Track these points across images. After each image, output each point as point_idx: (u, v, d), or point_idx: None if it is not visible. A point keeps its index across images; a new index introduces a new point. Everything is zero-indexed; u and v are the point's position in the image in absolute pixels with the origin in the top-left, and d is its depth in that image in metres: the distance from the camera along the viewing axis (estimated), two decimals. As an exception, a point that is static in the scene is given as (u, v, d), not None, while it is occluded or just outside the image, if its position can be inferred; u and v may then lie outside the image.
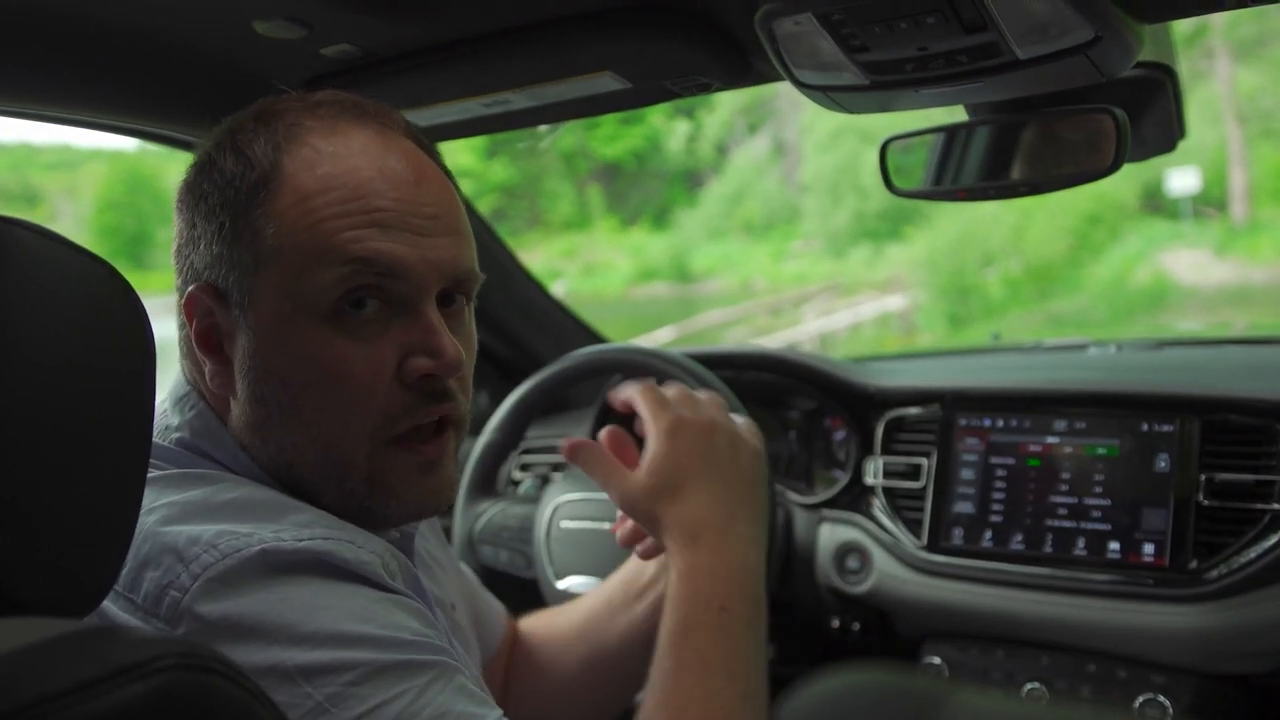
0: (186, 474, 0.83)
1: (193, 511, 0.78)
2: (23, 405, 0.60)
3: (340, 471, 0.86)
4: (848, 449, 1.79)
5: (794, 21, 1.07)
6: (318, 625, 0.72)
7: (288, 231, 0.83)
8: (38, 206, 24.72)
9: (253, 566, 0.73)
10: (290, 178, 0.84)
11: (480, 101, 1.37)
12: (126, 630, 0.60)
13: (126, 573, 0.75)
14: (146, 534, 0.76)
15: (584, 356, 1.63)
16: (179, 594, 0.72)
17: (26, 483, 0.59)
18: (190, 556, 0.73)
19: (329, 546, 0.76)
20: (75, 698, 0.49)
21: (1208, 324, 5.51)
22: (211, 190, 0.85)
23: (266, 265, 0.83)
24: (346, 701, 0.70)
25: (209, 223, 0.85)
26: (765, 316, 19.20)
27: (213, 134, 0.90)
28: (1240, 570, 1.39)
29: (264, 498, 0.81)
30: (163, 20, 1.15)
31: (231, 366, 0.86)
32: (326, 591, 0.74)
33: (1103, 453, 1.52)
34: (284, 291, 0.83)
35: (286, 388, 0.84)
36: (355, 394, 0.84)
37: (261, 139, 0.86)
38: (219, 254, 0.85)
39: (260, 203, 0.84)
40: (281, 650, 0.70)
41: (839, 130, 22.03)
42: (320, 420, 0.85)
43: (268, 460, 0.87)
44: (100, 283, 0.67)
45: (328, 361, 0.83)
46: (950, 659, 1.61)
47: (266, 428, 0.86)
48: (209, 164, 0.87)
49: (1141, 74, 1.31)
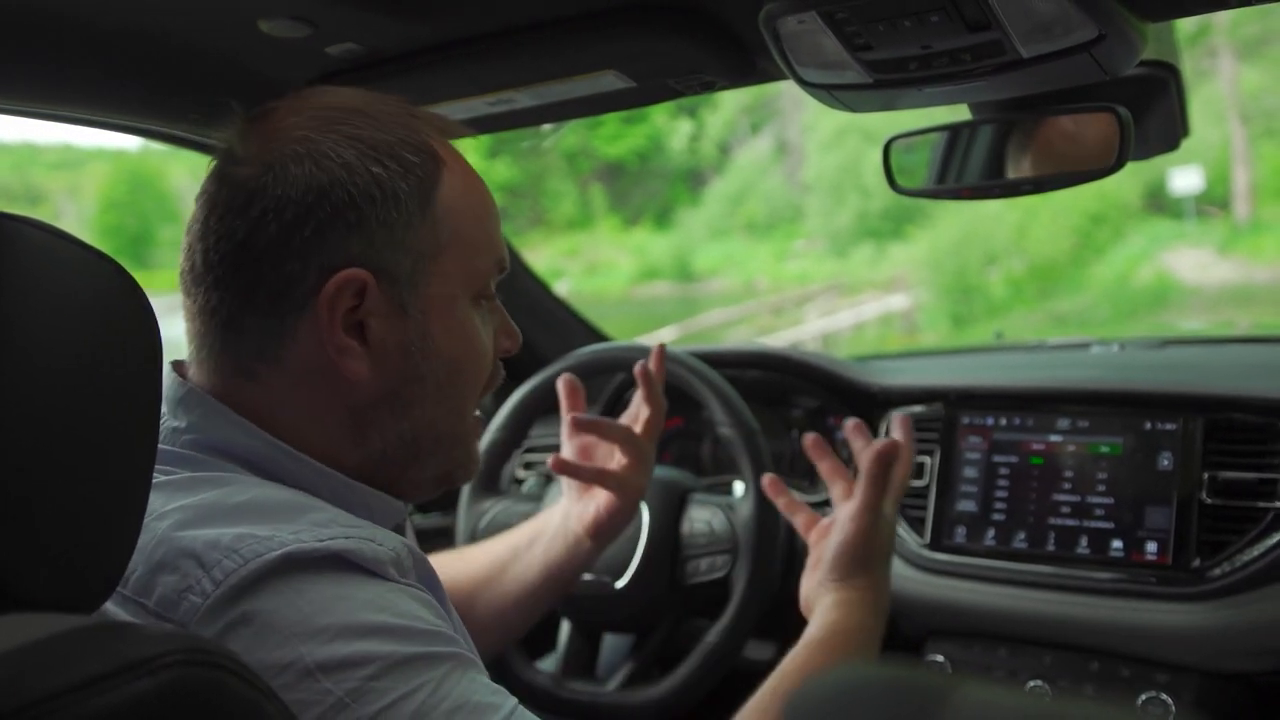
0: (196, 477, 0.82)
1: (207, 515, 0.77)
2: (30, 402, 0.60)
3: (456, 441, 0.95)
4: (851, 447, 1.79)
5: (798, 20, 1.07)
6: (333, 617, 0.72)
7: (459, 221, 0.91)
8: (40, 206, 24.74)
9: (275, 570, 0.73)
10: (450, 172, 0.91)
11: (484, 100, 1.37)
12: (134, 626, 0.60)
13: (137, 577, 0.75)
14: (160, 539, 0.76)
15: (587, 355, 1.64)
16: (200, 599, 0.72)
17: (33, 479, 0.60)
18: (211, 561, 0.73)
19: (350, 545, 0.77)
20: (83, 693, 0.49)
21: (1211, 323, 5.51)
22: (366, 182, 0.86)
23: (443, 252, 0.90)
24: (367, 696, 0.70)
25: (374, 209, 0.86)
26: (768, 316, 19.19)
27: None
28: (1243, 569, 1.39)
29: (279, 498, 0.82)
30: (167, 19, 1.16)
31: (370, 350, 0.87)
32: (344, 585, 0.75)
33: (1106, 451, 1.53)
34: (454, 277, 0.91)
35: (446, 364, 0.91)
36: (484, 369, 0.96)
37: (412, 134, 0.90)
38: (390, 240, 0.87)
39: (435, 194, 0.89)
40: (299, 645, 0.71)
41: (842, 129, 22.02)
42: (466, 393, 0.94)
43: (382, 439, 0.90)
44: (107, 281, 0.67)
45: (476, 340, 0.94)
46: (953, 657, 1.61)
47: (406, 406, 0.90)
48: (341, 157, 0.86)
49: (1145, 72, 1.31)
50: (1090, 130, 1.30)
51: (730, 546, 1.46)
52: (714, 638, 1.40)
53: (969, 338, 13.48)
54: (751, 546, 1.43)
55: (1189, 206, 18.26)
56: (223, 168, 0.88)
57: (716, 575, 1.46)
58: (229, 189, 0.86)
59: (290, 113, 0.89)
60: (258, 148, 0.87)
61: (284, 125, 0.88)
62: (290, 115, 0.88)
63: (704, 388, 1.51)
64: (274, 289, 0.85)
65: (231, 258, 0.85)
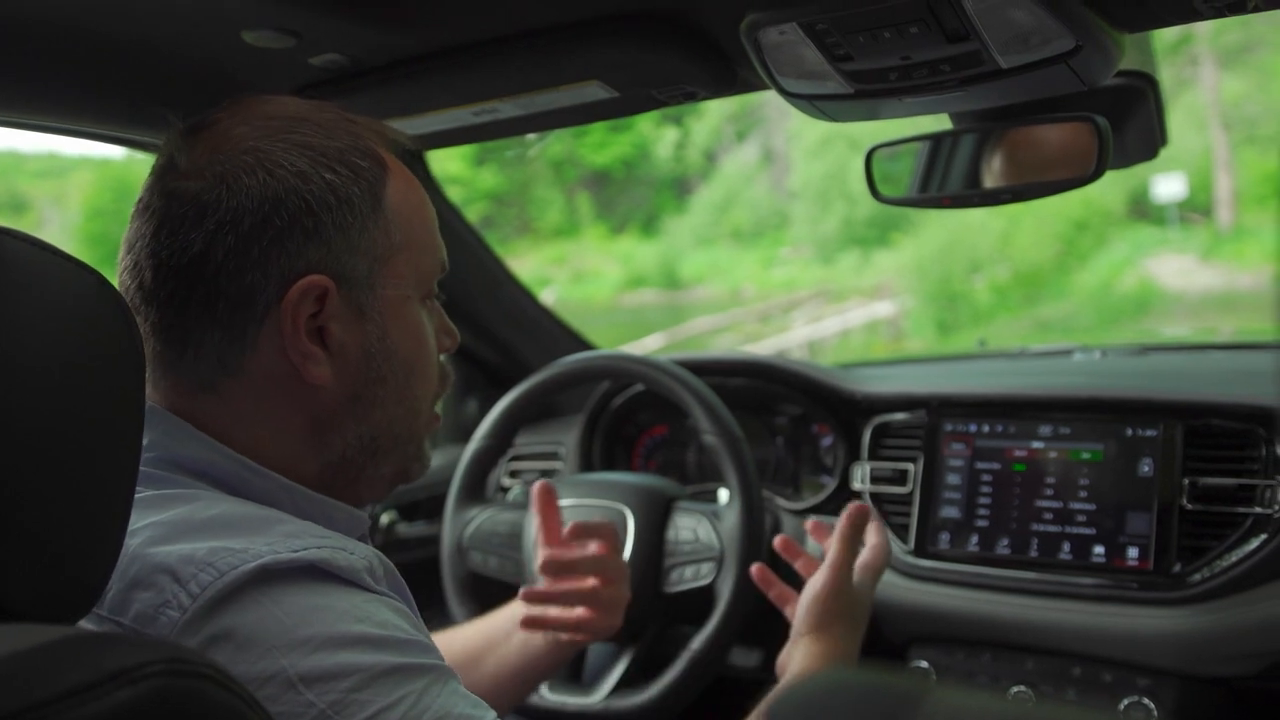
0: (164, 494, 0.82)
1: (178, 531, 0.77)
2: (12, 413, 0.60)
3: (410, 438, 0.96)
4: (835, 455, 1.80)
5: (779, 31, 1.08)
6: (314, 629, 0.72)
7: (406, 224, 0.92)
8: (25, 214, 24.59)
9: (252, 581, 0.73)
10: (394, 176, 0.92)
11: (468, 110, 1.38)
12: (116, 636, 0.60)
13: (112, 596, 0.74)
14: (132, 556, 0.75)
15: (572, 363, 1.64)
16: (177, 613, 0.72)
17: (16, 489, 0.60)
18: (187, 576, 0.73)
19: (324, 554, 0.77)
20: (65, 703, 0.49)
21: (1194, 329, 5.55)
22: (320, 189, 0.86)
23: (396, 254, 0.91)
24: (349, 708, 0.70)
25: (329, 215, 0.86)
26: (754, 323, 19.20)
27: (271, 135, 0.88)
28: (1223, 573, 1.40)
29: (244, 512, 0.81)
30: (150, 29, 1.16)
31: (331, 355, 0.88)
32: (321, 595, 0.75)
33: (1087, 457, 1.54)
34: (405, 278, 0.92)
35: (403, 364, 0.92)
36: (433, 368, 0.97)
37: (358, 140, 0.91)
38: (346, 245, 0.87)
39: (384, 198, 0.90)
40: (281, 657, 0.71)
41: (827, 138, 22.07)
42: (420, 392, 0.95)
43: (343, 443, 0.91)
44: (90, 291, 0.67)
45: (425, 339, 0.95)
46: (937, 662, 1.62)
47: (368, 408, 0.91)
48: (289, 165, 0.86)
49: (1123, 82, 1.32)
50: (1069, 140, 1.31)
51: (715, 554, 1.46)
52: (699, 645, 1.40)
53: (954, 344, 13.52)
54: (736, 554, 1.43)
55: (1172, 213, 18.35)
56: (167, 181, 0.87)
57: (701, 583, 1.46)
58: (179, 203, 0.85)
59: (236, 123, 0.87)
60: (205, 159, 0.85)
61: (231, 135, 0.86)
62: (236, 125, 0.87)
63: (688, 395, 1.51)
64: (233, 300, 0.85)
65: (186, 272, 0.84)
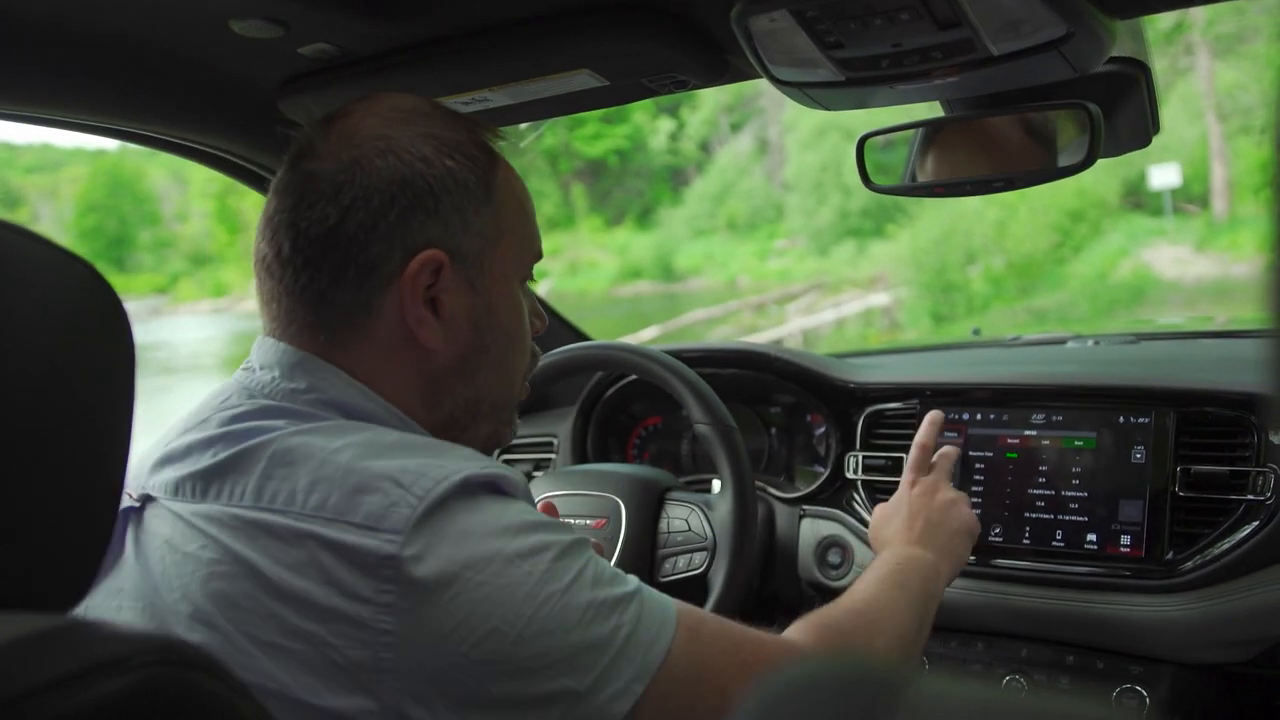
0: (342, 424, 0.93)
1: (377, 450, 0.88)
2: (3, 402, 0.60)
3: (507, 405, 1.08)
4: (828, 444, 1.80)
5: (769, 18, 1.08)
6: (510, 520, 0.87)
7: (513, 211, 1.03)
8: (18, 209, 24.53)
9: (459, 490, 0.85)
10: (503, 169, 1.03)
11: (458, 100, 1.38)
12: (106, 625, 0.60)
13: (335, 501, 0.84)
14: (345, 467, 0.86)
15: (565, 354, 1.64)
16: (408, 510, 0.83)
17: (6, 478, 0.60)
18: (408, 482, 0.84)
19: (499, 473, 0.90)
20: (54, 692, 0.49)
21: (1188, 318, 5.55)
22: (441, 174, 0.96)
23: (503, 237, 1.01)
24: (555, 573, 0.85)
25: (449, 198, 0.97)
26: (750, 314, 19.23)
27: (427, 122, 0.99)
28: (1215, 561, 1.41)
29: (418, 440, 0.93)
30: (139, 20, 1.15)
31: (443, 323, 0.98)
32: (502, 501, 0.89)
33: (1080, 445, 1.54)
34: (510, 260, 1.03)
35: (505, 335, 1.03)
36: (528, 342, 1.08)
37: (471, 133, 1.01)
38: (462, 225, 0.98)
39: (494, 186, 1.01)
40: (495, 541, 0.84)
41: (822, 128, 22.09)
42: (517, 364, 1.07)
43: (451, 403, 1.02)
44: (80, 282, 0.67)
45: (524, 317, 1.06)
46: (930, 651, 1.62)
47: (473, 373, 1.02)
48: (416, 151, 0.96)
49: (1115, 69, 1.32)
50: (1062, 127, 1.31)
51: (708, 544, 1.46)
52: (693, 634, 1.40)
53: (949, 335, 13.53)
54: (729, 544, 1.43)
55: (1167, 203, 18.37)
56: (304, 163, 0.97)
57: (694, 572, 1.46)
58: (316, 181, 0.95)
59: (367, 114, 0.98)
60: (339, 144, 0.96)
61: (364, 124, 0.97)
62: (368, 116, 0.98)
63: (681, 386, 1.51)
64: (362, 268, 0.95)
65: (322, 241, 0.95)
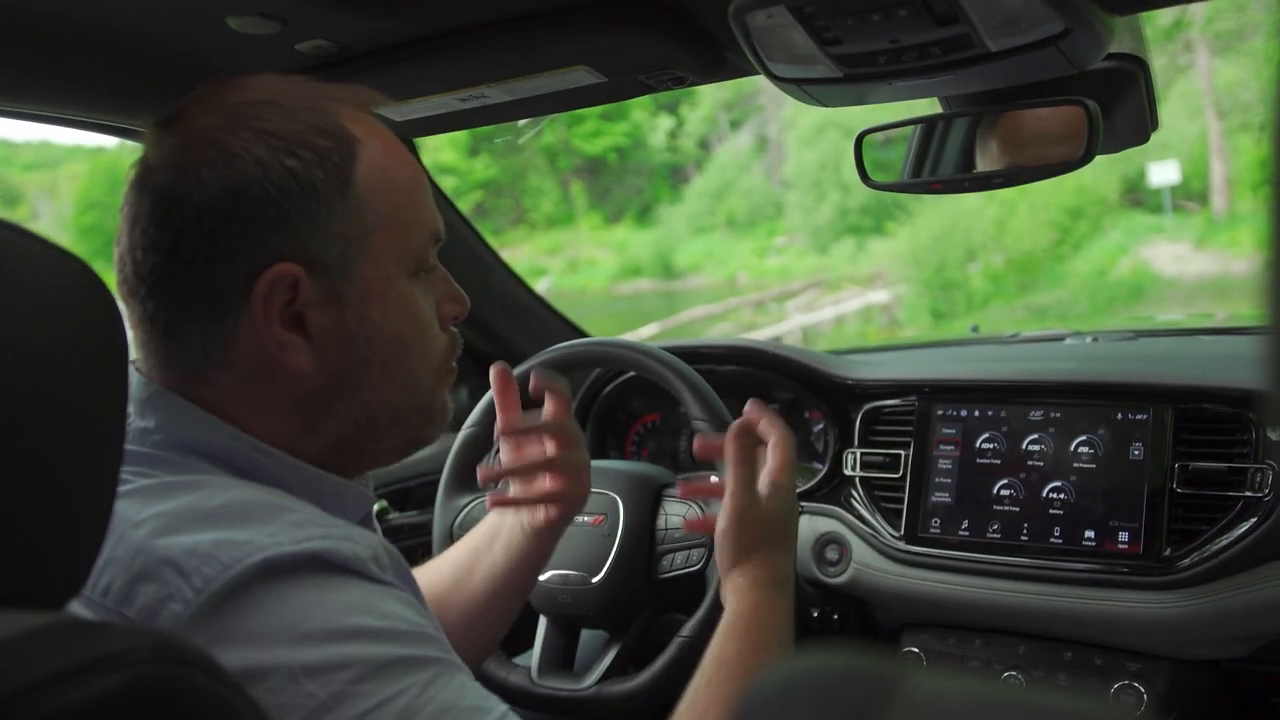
0: (169, 482, 0.82)
1: (184, 521, 0.77)
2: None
3: (413, 410, 0.95)
4: (826, 440, 1.80)
5: (767, 15, 1.08)
6: (316, 622, 0.73)
7: (383, 200, 0.90)
8: (17, 207, 24.49)
9: (255, 576, 0.73)
10: (367, 150, 0.89)
11: (456, 96, 1.37)
12: (99, 623, 0.60)
13: (118, 588, 0.74)
14: (139, 548, 0.75)
15: (563, 350, 1.64)
16: (181, 607, 0.72)
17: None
18: (190, 569, 0.73)
19: (327, 545, 0.77)
20: (47, 689, 0.49)
21: (1188, 315, 5.54)
22: (281, 177, 0.85)
23: (372, 234, 0.89)
24: (350, 700, 0.70)
25: (292, 203, 0.85)
26: (749, 312, 19.21)
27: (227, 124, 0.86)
28: (1213, 557, 1.41)
29: (254, 499, 0.81)
30: (135, 16, 1.15)
31: (311, 341, 0.87)
32: (324, 589, 0.75)
33: (1078, 442, 1.54)
34: (386, 256, 0.90)
35: (391, 343, 0.91)
36: (432, 340, 0.96)
37: (323, 119, 0.88)
38: (315, 231, 0.86)
39: (353, 177, 0.88)
40: (284, 650, 0.71)
41: (821, 125, 22.06)
42: (414, 368, 0.94)
43: (336, 425, 0.91)
44: (73, 279, 0.67)
45: (417, 314, 0.93)
46: (928, 648, 1.62)
47: (355, 390, 0.90)
48: (251, 151, 0.85)
49: (1113, 66, 1.32)
50: (1060, 123, 1.31)
51: (705, 540, 1.46)
52: (690, 631, 1.40)
53: (949, 332, 13.53)
54: (727, 540, 1.43)
55: (1166, 200, 18.36)
56: (141, 176, 0.87)
57: (692, 569, 1.46)
58: (149, 199, 0.86)
59: (200, 113, 0.87)
60: (171, 153, 0.86)
61: (196, 127, 0.86)
62: (200, 116, 0.87)
63: (679, 382, 1.51)
64: (208, 294, 0.85)
65: (161, 268, 0.85)
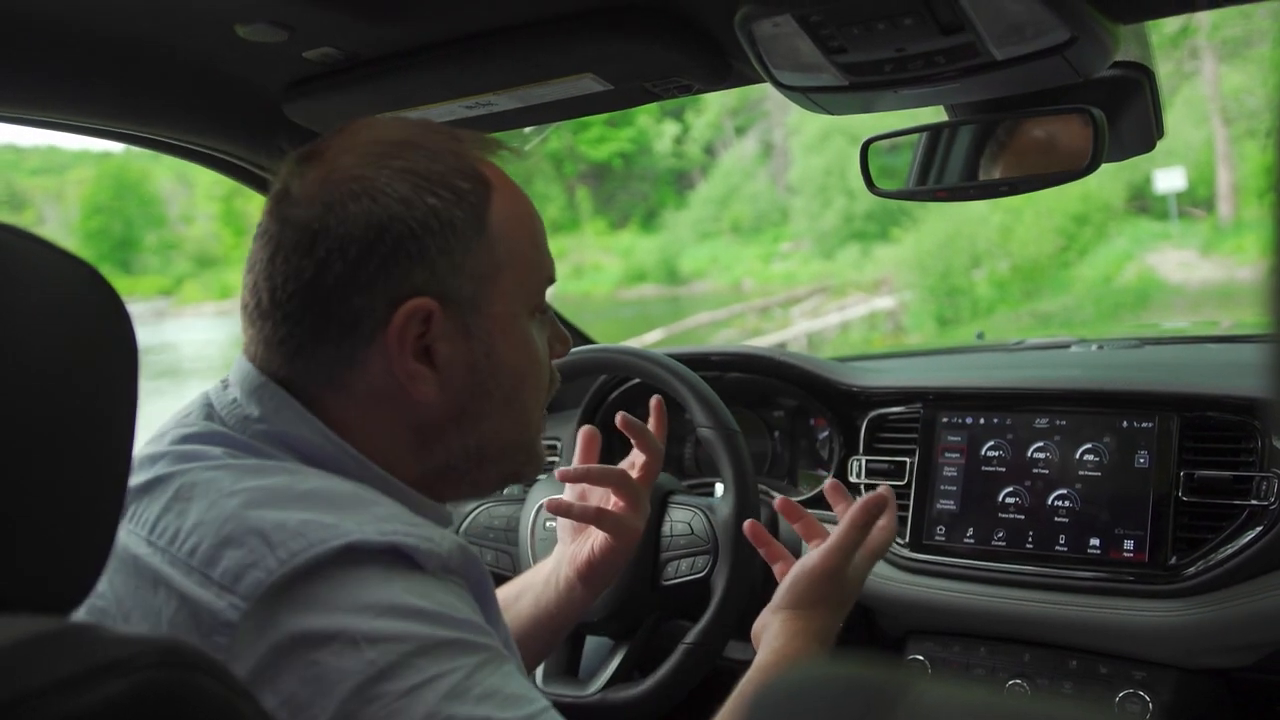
0: (265, 464, 0.86)
1: (276, 497, 0.80)
2: (5, 405, 0.60)
3: (524, 444, 1.00)
4: (831, 448, 1.80)
5: (773, 23, 1.08)
6: (381, 598, 0.76)
7: (512, 241, 0.94)
8: (23, 212, 24.56)
9: (337, 558, 0.76)
10: (499, 195, 0.94)
11: (462, 104, 1.38)
12: (107, 628, 0.60)
13: (204, 549, 0.78)
14: (229, 515, 0.79)
15: (570, 357, 1.64)
16: (264, 575, 0.75)
17: (8, 480, 0.60)
18: (277, 541, 0.76)
19: (409, 541, 0.80)
20: (54, 696, 0.49)
21: (1193, 323, 5.54)
22: (424, 214, 0.88)
23: (501, 271, 0.93)
24: (404, 670, 0.74)
25: (433, 239, 0.89)
26: (754, 318, 19.22)
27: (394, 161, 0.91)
28: (1219, 566, 1.40)
29: (344, 489, 0.84)
30: (144, 24, 1.16)
31: (438, 372, 0.91)
32: (393, 574, 0.79)
33: (1083, 450, 1.53)
34: (512, 295, 0.94)
35: (511, 377, 0.95)
36: (544, 377, 1.01)
37: (461, 162, 0.93)
38: (451, 267, 0.90)
39: (487, 218, 0.92)
40: (349, 618, 0.74)
41: (827, 131, 22.07)
42: (529, 403, 0.99)
43: (447, 452, 0.94)
44: (82, 285, 0.67)
45: (535, 351, 0.98)
46: (933, 656, 1.62)
47: (475, 421, 0.94)
48: (392, 189, 0.89)
49: (1119, 74, 1.32)
50: (1065, 132, 1.31)
51: (710, 547, 1.46)
52: (694, 638, 1.40)
53: (954, 339, 13.52)
54: (731, 547, 1.43)
55: (1172, 207, 18.34)
56: (281, 209, 0.90)
57: (697, 576, 1.46)
58: (291, 230, 0.89)
59: (342, 150, 0.91)
60: (315, 187, 0.89)
61: (339, 164, 0.90)
62: (343, 153, 0.90)
63: (684, 389, 1.51)
64: (343, 323, 0.88)
65: (299, 296, 0.88)
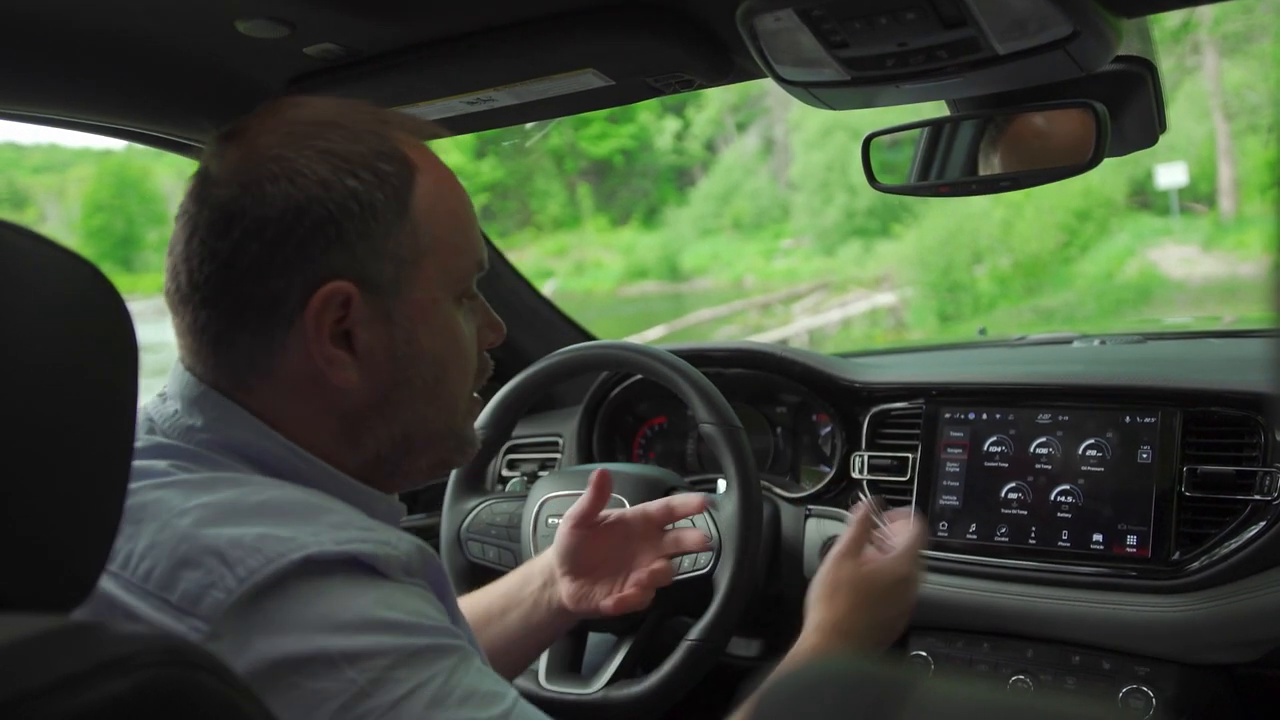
0: (215, 477, 0.85)
1: (228, 513, 0.80)
2: (6, 404, 0.60)
3: (450, 432, 0.99)
4: (834, 444, 1.80)
5: (774, 18, 1.08)
6: (352, 614, 0.76)
7: (436, 226, 0.93)
8: (24, 210, 24.59)
9: (296, 571, 0.76)
10: (424, 177, 0.93)
11: (463, 99, 1.38)
12: (110, 626, 0.60)
13: (160, 573, 0.77)
14: (182, 535, 0.78)
15: (570, 353, 1.64)
16: (223, 595, 0.74)
17: (8, 479, 0.60)
18: (234, 559, 0.76)
19: (365, 549, 0.80)
20: (56, 694, 0.49)
21: (1195, 318, 5.53)
22: (343, 196, 0.87)
23: (424, 257, 0.92)
24: (386, 685, 0.75)
25: (352, 222, 0.88)
26: (756, 314, 19.22)
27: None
28: (1222, 561, 1.40)
29: (296, 498, 0.84)
30: (145, 21, 1.16)
31: (358, 358, 0.90)
32: (357, 585, 0.79)
33: (1086, 445, 1.53)
34: (435, 280, 0.93)
35: (434, 365, 0.94)
36: (470, 365, 0.99)
37: (384, 143, 0.91)
38: (370, 251, 0.89)
39: (410, 201, 0.91)
40: (323, 638, 0.74)
41: (828, 127, 22.06)
42: (454, 391, 0.97)
43: (376, 442, 0.93)
44: (83, 283, 0.67)
45: (460, 338, 0.97)
46: (936, 652, 1.62)
47: (396, 409, 0.93)
48: (314, 170, 0.87)
49: (1121, 68, 1.32)
50: (1067, 126, 1.31)
51: (713, 543, 1.46)
52: (697, 635, 1.40)
53: (955, 334, 13.51)
54: (734, 543, 1.43)
55: (1174, 202, 18.32)
56: (201, 189, 0.89)
57: (699, 572, 1.46)
58: (209, 210, 0.88)
59: (263, 130, 0.90)
60: (233, 168, 0.88)
61: (258, 144, 0.88)
62: (263, 133, 0.89)
63: (686, 385, 1.51)
64: (261, 306, 0.87)
65: (216, 278, 0.87)
